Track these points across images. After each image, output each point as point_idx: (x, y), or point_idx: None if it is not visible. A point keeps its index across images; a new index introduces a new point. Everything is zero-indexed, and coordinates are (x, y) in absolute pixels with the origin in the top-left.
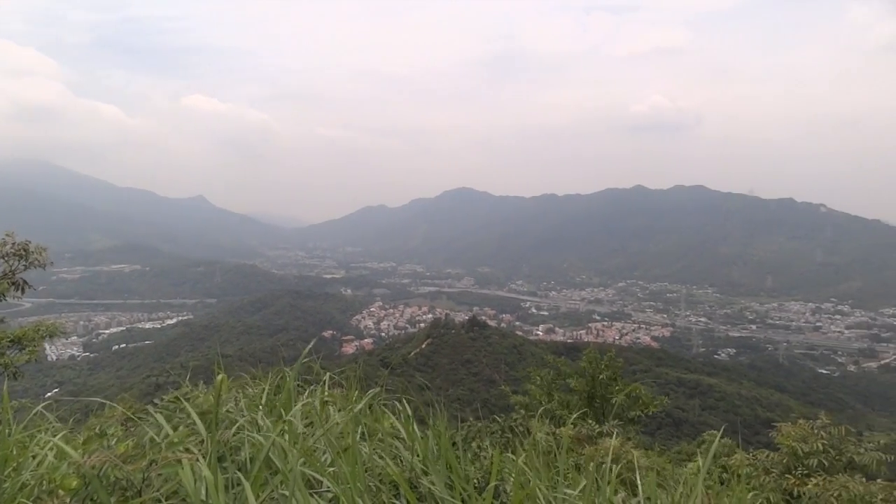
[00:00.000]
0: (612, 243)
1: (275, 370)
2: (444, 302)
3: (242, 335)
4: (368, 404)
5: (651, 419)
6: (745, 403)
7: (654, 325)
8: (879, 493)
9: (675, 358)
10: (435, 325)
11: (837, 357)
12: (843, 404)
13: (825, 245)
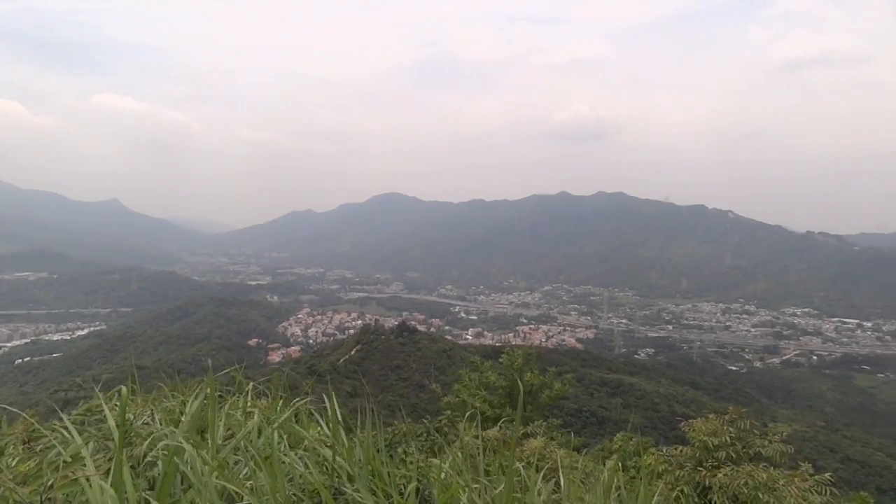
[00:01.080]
0: (539, 248)
1: (194, 381)
2: (373, 307)
3: (161, 345)
4: (294, 413)
5: (576, 419)
6: (662, 400)
7: (579, 328)
8: (780, 480)
9: (599, 359)
10: (364, 331)
11: (745, 354)
12: (750, 398)
13: (733, 249)
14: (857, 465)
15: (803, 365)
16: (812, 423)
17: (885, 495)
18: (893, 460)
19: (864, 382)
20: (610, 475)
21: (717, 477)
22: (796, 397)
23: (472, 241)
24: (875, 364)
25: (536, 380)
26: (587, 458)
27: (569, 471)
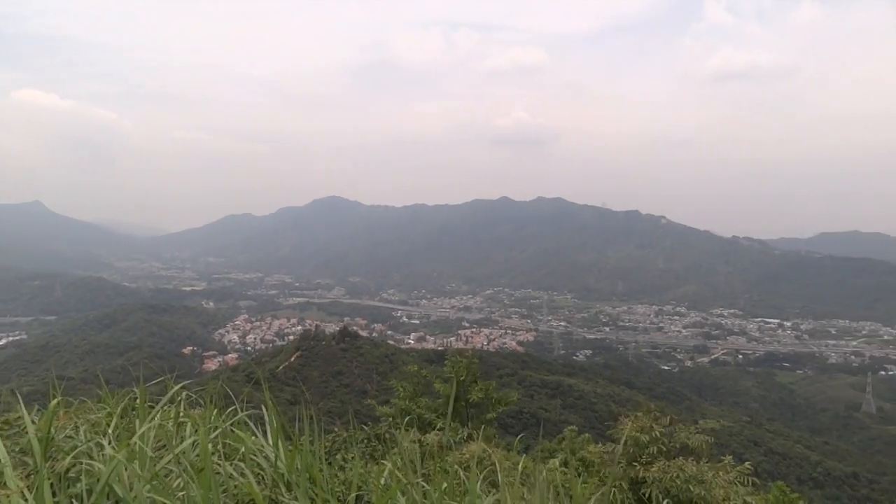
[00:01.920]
0: (480, 252)
1: (123, 391)
2: (314, 313)
3: (87, 355)
4: (231, 422)
5: (517, 421)
6: (600, 401)
7: (520, 331)
8: (708, 472)
9: (539, 361)
10: (305, 337)
11: (677, 354)
12: (681, 396)
13: (666, 253)
14: (778, 458)
15: (730, 363)
16: (738, 418)
17: (804, 485)
18: (811, 452)
19: (785, 379)
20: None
21: (651, 472)
22: (724, 394)
23: (415, 245)
24: (794, 361)
25: (480, 394)
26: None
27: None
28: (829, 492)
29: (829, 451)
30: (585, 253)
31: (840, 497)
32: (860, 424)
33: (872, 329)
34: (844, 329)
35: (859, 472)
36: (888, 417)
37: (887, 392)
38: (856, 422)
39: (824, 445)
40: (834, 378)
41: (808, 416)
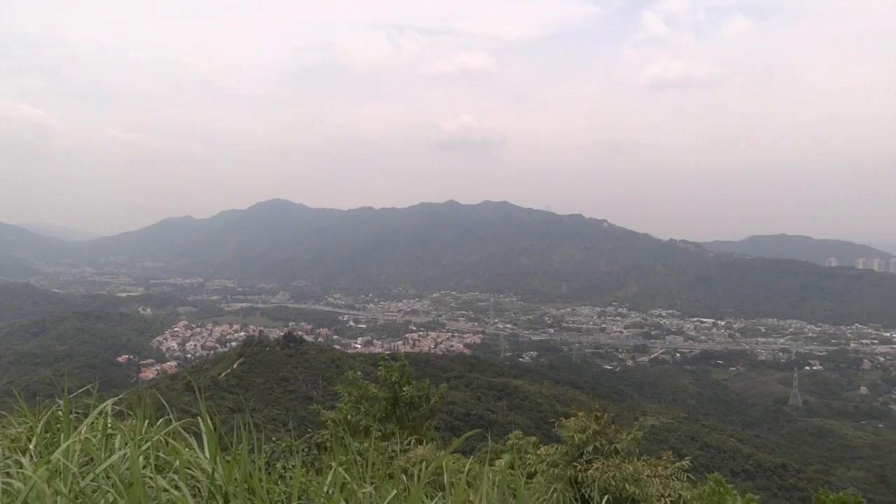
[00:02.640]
0: (428, 255)
1: (46, 404)
2: (257, 318)
3: (13, 366)
4: (164, 433)
5: (464, 423)
6: (545, 401)
7: (467, 333)
8: (645, 470)
9: (486, 363)
10: (248, 343)
11: (619, 354)
12: (623, 395)
13: (608, 256)
14: (713, 451)
15: (668, 362)
16: (676, 415)
17: (737, 477)
18: (743, 445)
19: (719, 375)
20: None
21: (590, 472)
22: (663, 392)
23: (361, 248)
24: (727, 359)
25: (415, 392)
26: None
27: (454, 475)
28: (759, 482)
29: (759, 443)
30: (531, 256)
31: (769, 487)
32: (788, 417)
33: (798, 327)
34: (773, 327)
35: (787, 462)
36: (813, 410)
37: (812, 386)
38: (784, 415)
39: (755, 438)
40: (764, 374)
41: (741, 410)
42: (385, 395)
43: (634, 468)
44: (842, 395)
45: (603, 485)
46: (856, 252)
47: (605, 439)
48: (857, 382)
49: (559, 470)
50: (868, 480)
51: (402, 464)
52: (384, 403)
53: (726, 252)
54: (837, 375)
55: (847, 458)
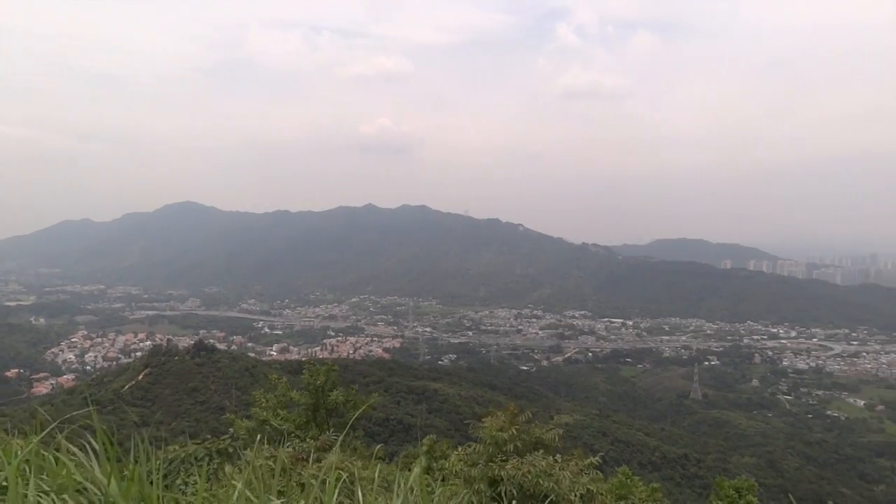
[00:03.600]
0: (346, 260)
1: None
2: (165, 326)
3: None
4: (55, 449)
5: (383, 428)
6: (464, 403)
7: (386, 338)
8: (557, 466)
9: (405, 367)
10: (154, 353)
11: (534, 355)
12: (539, 394)
13: (524, 259)
14: (623, 445)
15: (581, 361)
16: (589, 412)
17: (644, 468)
18: (650, 438)
19: (628, 373)
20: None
21: (506, 469)
22: (576, 390)
23: (277, 253)
24: (635, 356)
25: (342, 398)
26: (391, 466)
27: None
28: (665, 473)
29: (664, 436)
30: (449, 259)
31: (673, 477)
32: (689, 410)
33: (698, 325)
34: (676, 326)
35: (689, 453)
36: (711, 402)
37: (710, 380)
38: (686, 408)
39: (661, 431)
40: (668, 370)
41: (648, 405)
42: (306, 401)
43: (548, 464)
44: (736, 387)
45: (519, 481)
46: (747, 255)
47: (523, 438)
48: (750, 375)
49: (477, 469)
50: (759, 466)
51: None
52: (304, 409)
53: (634, 255)
54: (732, 369)
55: (741, 446)
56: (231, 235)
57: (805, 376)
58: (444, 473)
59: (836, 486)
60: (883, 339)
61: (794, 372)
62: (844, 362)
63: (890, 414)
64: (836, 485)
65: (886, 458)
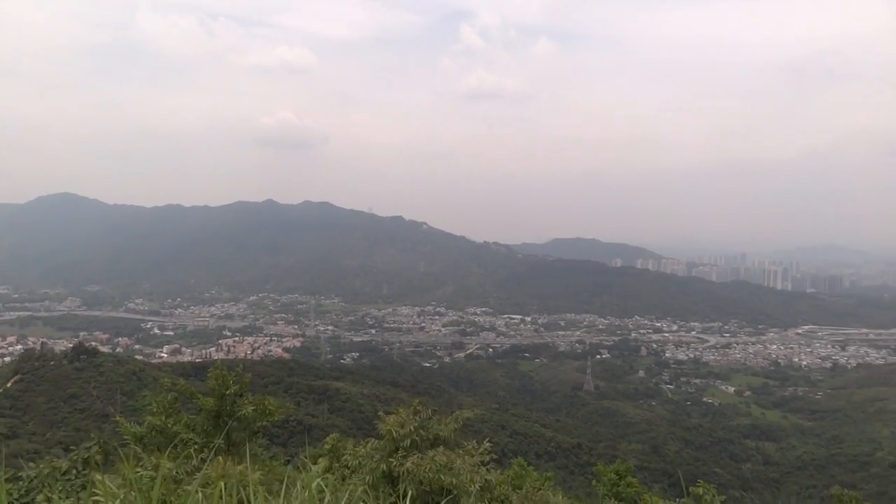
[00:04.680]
0: (244, 257)
1: None
2: (39, 329)
3: None
4: None
5: (283, 430)
6: (367, 401)
7: (286, 337)
8: (457, 460)
9: (306, 367)
10: (26, 358)
11: (437, 351)
12: (441, 390)
13: (427, 257)
14: (521, 437)
15: (482, 357)
16: (489, 406)
17: (541, 458)
18: (546, 429)
19: (526, 367)
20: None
21: (406, 465)
22: (477, 385)
23: (169, 249)
24: (533, 351)
25: (250, 406)
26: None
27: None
28: (559, 462)
29: (559, 427)
30: (352, 257)
31: (567, 465)
32: (583, 401)
33: (591, 320)
34: (570, 321)
35: (582, 442)
36: (602, 393)
37: (602, 372)
38: (579, 399)
39: (556, 422)
40: (563, 364)
41: (544, 397)
42: (208, 407)
43: (448, 458)
44: (625, 378)
45: (417, 477)
46: (636, 254)
47: (424, 433)
48: (637, 367)
49: (375, 466)
50: (644, 451)
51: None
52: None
53: (533, 254)
54: (621, 362)
55: (629, 433)
56: (117, 230)
57: (685, 366)
58: (343, 472)
59: (711, 467)
60: (750, 330)
61: (675, 363)
62: (718, 353)
63: (756, 399)
64: (710, 465)
65: (752, 439)
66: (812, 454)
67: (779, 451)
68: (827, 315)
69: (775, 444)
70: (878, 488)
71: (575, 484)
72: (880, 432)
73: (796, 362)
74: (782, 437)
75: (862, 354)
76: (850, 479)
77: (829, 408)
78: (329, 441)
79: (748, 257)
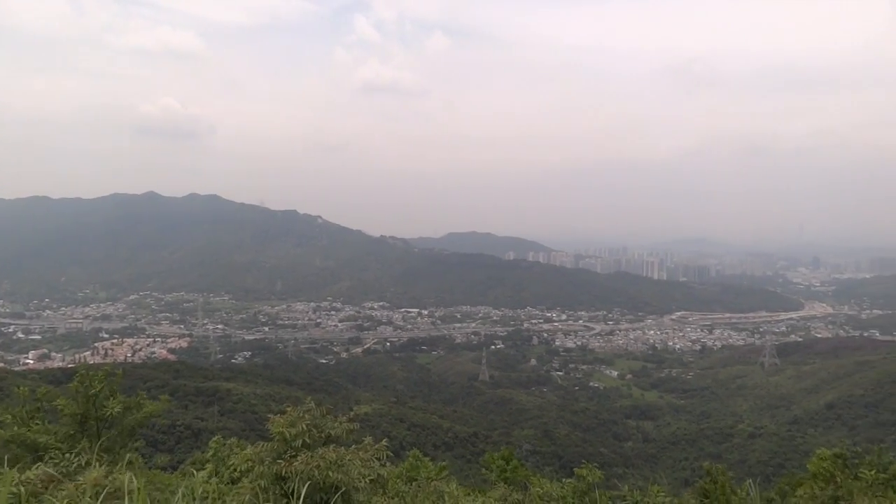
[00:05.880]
0: (123, 253)
1: None
2: None
3: None
4: None
5: (168, 436)
6: (260, 402)
7: (171, 337)
8: (348, 455)
9: (194, 368)
10: None
11: (334, 347)
12: (339, 387)
13: (322, 252)
14: (419, 429)
15: (380, 351)
16: (387, 400)
17: (438, 449)
18: (443, 420)
19: (423, 360)
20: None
21: (294, 465)
22: (375, 380)
23: (34, 246)
24: (430, 344)
25: (119, 405)
26: (177, 475)
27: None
28: (457, 451)
29: (456, 417)
30: (243, 252)
31: (465, 455)
32: (478, 391)
33: (486, 312)
34: (466, 313)
35: (478, 431)
36: (497, 383)
37: (497, 362)
38: (475, 389)
39: (453, 413)
40: (459, 355)
41: (441, 389)
42: (71, 411)
43: (338, 455)
44: (518, 367)
45: (307, 475)
46: (528, 247)
47: (317, 432)
48: (529, 356)
49: (265, 467)
50: (537, 436)
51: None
52: (70, 419)
53: (429, 248)
54: (515, 351)
55: (522, 419)
56: None
57: (573, 354)
58: (232, 476)
59: (597, 447)
60: (631, 318)
61: (564, 350)
62: (603, 340)
63: (636, 381)
64: (596, 446)
65: (633, 419)
66: (684, 430)
67: (656, 428)
68: (696, 302)
69: (653, 423)
70: (740, 457)
71: (471, 472)
72: (741, 406)
73: (671, 346)
74: (659, 416)
75: (726, 337)
76: (717, 450)
77: (698, 386)
78: (212, 446)
79: (629, 250)
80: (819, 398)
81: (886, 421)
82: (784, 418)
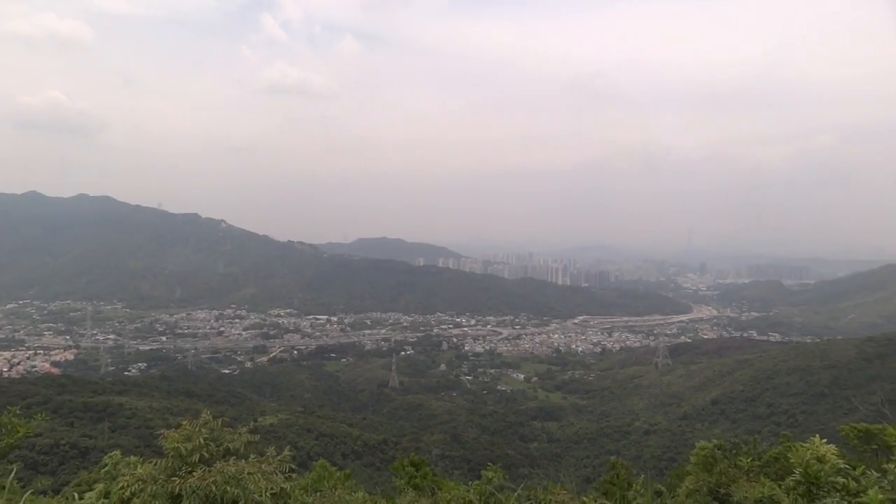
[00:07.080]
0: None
1: None
2: None
3: None
4: None
5: (51, 456)
6: (156, 415)
7: (55, 350)
8: (248, 469)
9: (81, 382)
10: None
11: (237, 356)
12: (242, 398)
13: (226, 257)
14: (328, 439)
15: (287, 360)
16: (294, 410)
17: (348, 458)
18: (352, 428)
19: (333, 367)
20: None
21: (189, 482)
22: (282, 389)
23: None
24: (339, 351)
25: None
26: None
27: None
28: (367, 460)
29: (366, 425)
30: (139, 258)
31: (374, 462)
32: (388, 398)
33: (396, 318)
34: (376, 320)
35: (388, 437)
36: (407, 388)
37: (406, 368)
38: (385, 396)
39: (363, 421)
40: (369, 362)
41: (351, 397)
42: None
43: (237, 469)
44: (428, 372)
45: (204, 492)
46: (437, 253)
47: (215, 445)
48: (439, 361)
49: (157, 486)
50: (446, 441)
51: None
52: None
53: (338, 253)
54: (425, 357)
55: (432, 425)
56: None
57: (482, 358)
58: (122, 497)
59: (504, 449)
60: (537, 322)
61: (473, 355)
62: (510, 344)
63: (541, 384)
64: (503, 448)
65: (539, 420)
66: (586, 429)
67: (560, 428)
68: (597, 306)
69: (557, 423)
70: (636, 452)
71: (381, 480)
72: (637, 405)
73: (574, 349)
74: (563, 416)
75: (624, 339)
76: (616, 447)
77: (599, 387)
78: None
79: (535, 256)
80: (705, 395)
81: (762, 414)
82: (675, 415)
